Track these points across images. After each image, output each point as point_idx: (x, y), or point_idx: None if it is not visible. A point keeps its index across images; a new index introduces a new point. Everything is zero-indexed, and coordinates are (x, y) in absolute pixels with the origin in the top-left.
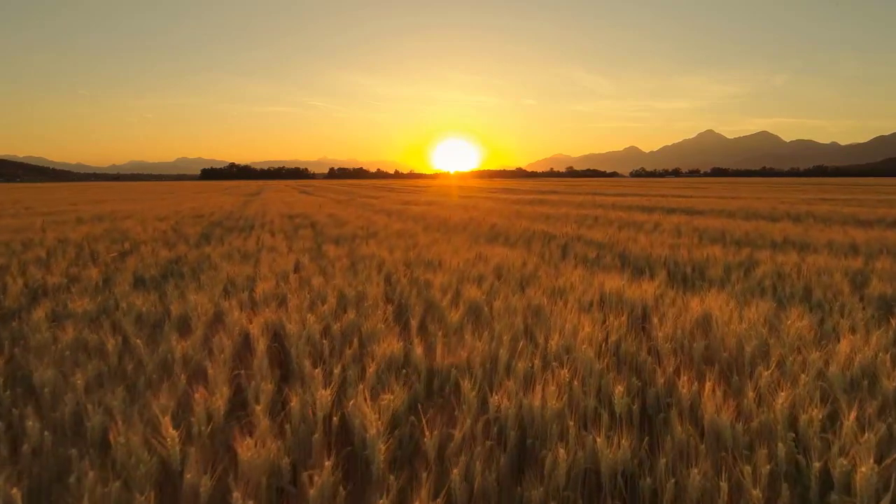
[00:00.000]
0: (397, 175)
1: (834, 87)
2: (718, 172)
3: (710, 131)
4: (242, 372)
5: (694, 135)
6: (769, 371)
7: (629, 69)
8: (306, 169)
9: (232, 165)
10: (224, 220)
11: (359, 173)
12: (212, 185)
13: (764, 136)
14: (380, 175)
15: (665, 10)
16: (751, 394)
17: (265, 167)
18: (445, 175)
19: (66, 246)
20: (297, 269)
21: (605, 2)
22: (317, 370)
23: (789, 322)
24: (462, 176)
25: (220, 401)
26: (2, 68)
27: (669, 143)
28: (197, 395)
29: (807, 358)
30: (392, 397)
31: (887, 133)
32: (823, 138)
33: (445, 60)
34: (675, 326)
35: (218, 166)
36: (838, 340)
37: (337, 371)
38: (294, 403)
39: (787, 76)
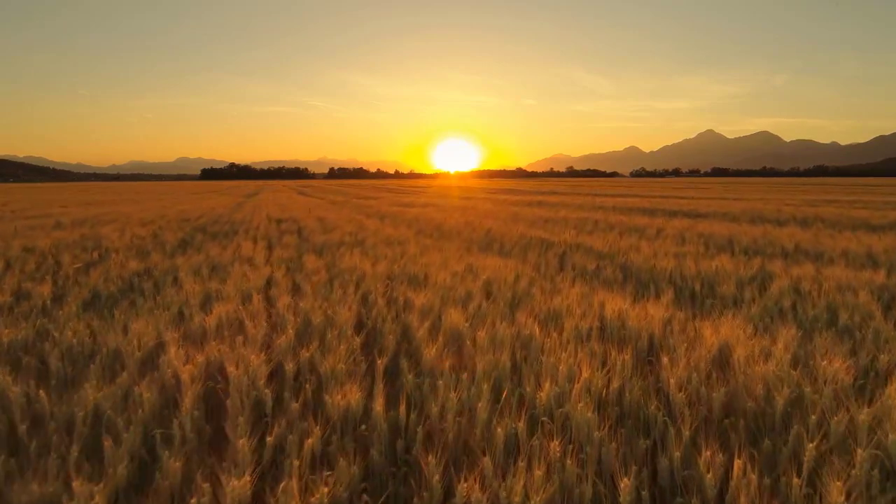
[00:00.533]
0: (397, 175)
1: (834, 86)
2: (719, 172)
3: (710, 131)
4: (158, 434)
5: (694, 135)
6: (813, 443)
7: (629, 69)
8: (306, 169)
9: (232, 165)
10: (209, 225)
11: (359, 173)
12: (211, 185)
13: (764, 135)
14: (380, 175)
15: (665, 10)
16: (795, 479)
17: (265, 167)
18: (446, 175)
19: (31, 256)
20: (268, 285)
21: (605, 2)
22: (242, 441)
23: (824, 363)
24: (462, 176)
25: (102, 498)
26: (2, 68)
27: (670, 143)
28: (76, 484)
29: (855, 416)
30: (327, 489)
31: (887, 133)
32: (824, 138)
33: (445, 60)
34: (689, 366)
35: (218, 166)
36: (884, 383)
37: (271, 439)
38: (195, 501)
39: (787, 76)
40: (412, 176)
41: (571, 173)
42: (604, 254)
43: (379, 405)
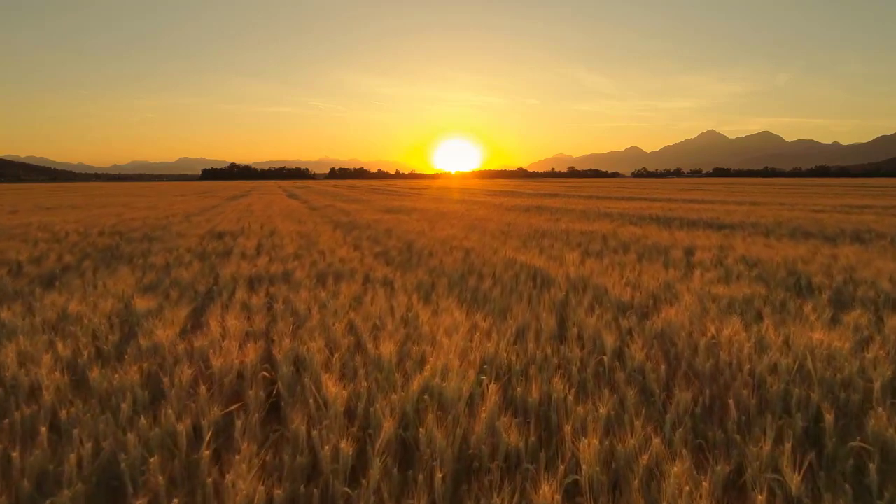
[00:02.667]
0: (398, 175)
1: (836, 86)
2: (721, 172)
3: (711, 131)
4: None
5: (696, 135)
6: None
7: (631, 69)
8: (307, 169)
9: (233, 166)
10: (128, 243)
11: (360, 174)
12: (205, 185)
13: (766, 135)
14: (381, 175)
15: (666, 10)
16: None
17: (267, 167)
18: (447, 175)
19: None
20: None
21: (608, 1)
22: None
23: None
24: (463, 176)
25: None
26: (4, 69)
27: (671, 143)
28: None
29: None
30: None
31: (889, 133)
32: (825, 138)
33: (448, 60)
34: None
35: (220, 166)
36: None
37: None
38: None
39: (789, 76)
40: (413, 176)
41: (573, 173)
42: (625, 305)
43: None
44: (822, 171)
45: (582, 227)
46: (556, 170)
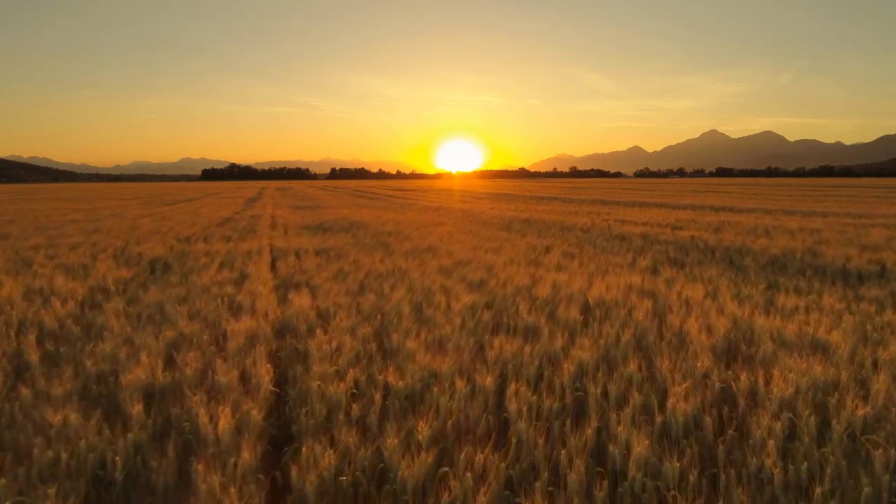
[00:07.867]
0: (399, 175)
1: (838, 86)
2: (723, 172)
3: (713, 131)
4: None
5: (698, 135)
6: None
7: (632, 69)
8: (308, 170)
9: (233, 166)
10: None
11: (361, 174)
12: (183, 186)
13: (768, 135)
14: (381, 175)
15: (667, 10)
16: None
17: (268, 168)
18: (448, 176)
19: None
20: None
21: (608, 1)
22: None
23: None
24: (464, 176)
25: None
26: (7, 70)
27: (673, 143)
28: None
29: None
30: None
31: (892, 133)
32: (828, 138)
33: (450, 60)
34: None
35: (220, 167)
36: None
37: None
38: None
39: (791, 75)
40: (413, 176)
41: (575, 174)
42: None
43: None
44: (825, 171)
45: (583, 280)
46: (559, 170)
